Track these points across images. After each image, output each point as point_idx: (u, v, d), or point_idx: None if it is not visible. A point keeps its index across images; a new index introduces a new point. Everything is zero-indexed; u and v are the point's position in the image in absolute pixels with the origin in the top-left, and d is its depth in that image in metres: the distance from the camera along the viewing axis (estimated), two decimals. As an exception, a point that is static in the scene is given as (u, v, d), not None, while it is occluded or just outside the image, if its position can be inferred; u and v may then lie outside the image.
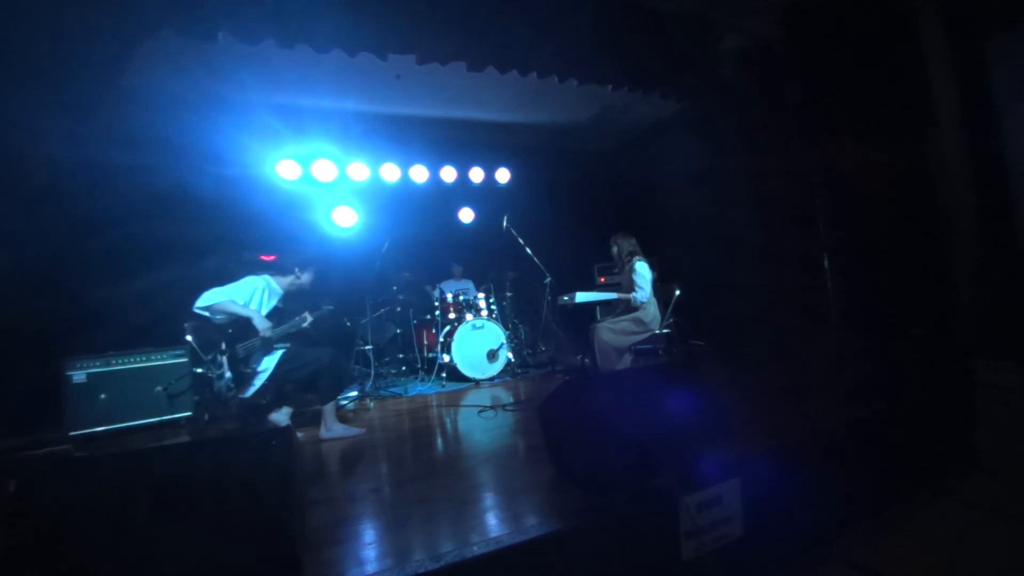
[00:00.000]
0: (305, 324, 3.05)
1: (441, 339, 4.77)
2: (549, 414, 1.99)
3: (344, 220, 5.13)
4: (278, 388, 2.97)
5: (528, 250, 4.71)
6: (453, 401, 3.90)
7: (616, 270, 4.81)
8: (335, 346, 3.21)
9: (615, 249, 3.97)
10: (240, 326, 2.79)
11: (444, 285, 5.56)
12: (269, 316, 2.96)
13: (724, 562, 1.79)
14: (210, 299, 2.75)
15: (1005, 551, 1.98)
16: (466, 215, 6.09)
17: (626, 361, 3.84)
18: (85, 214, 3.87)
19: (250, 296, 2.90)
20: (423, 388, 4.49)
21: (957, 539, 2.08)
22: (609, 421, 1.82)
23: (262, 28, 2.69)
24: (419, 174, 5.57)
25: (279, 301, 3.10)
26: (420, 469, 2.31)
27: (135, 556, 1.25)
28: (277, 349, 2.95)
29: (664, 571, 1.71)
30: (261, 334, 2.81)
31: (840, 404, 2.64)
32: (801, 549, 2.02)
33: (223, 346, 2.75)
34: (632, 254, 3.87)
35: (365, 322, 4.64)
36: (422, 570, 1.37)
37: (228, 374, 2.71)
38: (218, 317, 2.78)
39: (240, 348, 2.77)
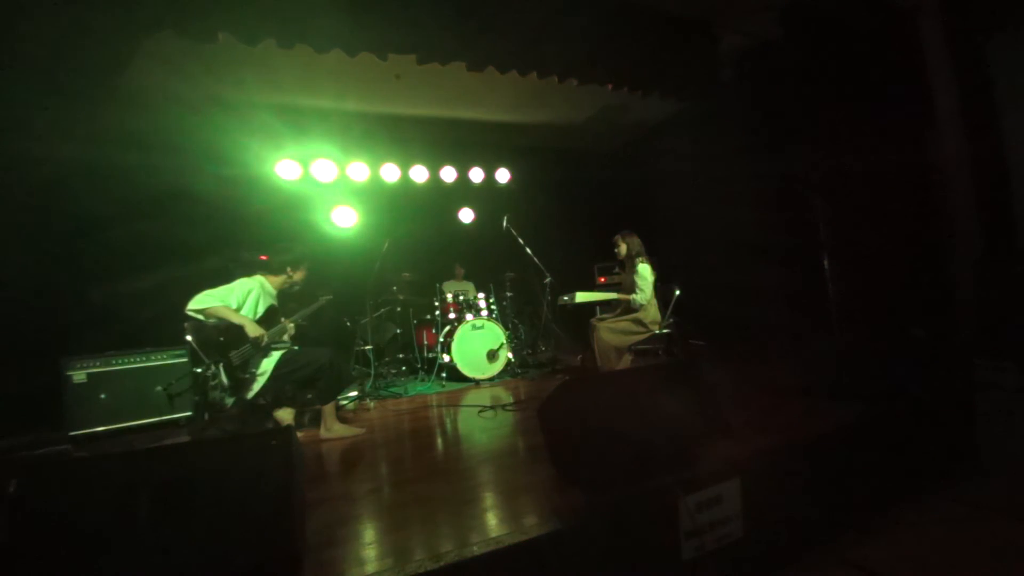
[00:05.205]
0: (285, 336, 3.05)
1: (441, 339, 4.77)
2: (549, 414, 1.99)
3: (344, 220, 5.13)
4: (278, 389, 2.97)
5: (528, 250, 4.71)
6: (453, 401, 3.90)
7: (617, 269, 4.81)
8: (335, 346, 3.22)
9: (623, 247, 3.95)
10: (233, 333, 2.78)
11: (445, 285, 5.56)
12: (265, 316, 2.96)
13: (724, 562, 1.79)
14: (203, 302, 2.73)
15: (1005, 551, 1.98)
16: (466, 215, 6.09)
17: (626, 361, 3.83)
18: (85, 214, 3.88)
19: (244, 298, 2.88)
20: (423, 388, 4.49)
21: (957, 539, 2.08)
22: (609, 421, 1.82)
23: (262, 28, 2.69)
24: (419, 174, 5.57)
25: (274, 300, 3.10)
26: (420, 469, 2.31)
27: (135, 556, 1.25)
28: (275, 350, 2.95)
29: (664, 571, 1.71)
30: (252, 342, 2.81)
31: (840, 404, 2.64)
32: (801, 549, 2.02)
33: (217, 356, 2.75)
34: (638, 254, 3.86)
35: (365, 322, 4.64)
36: (422, 570, 1.37)
37: (226, 381, 2.71)
38: (211, 320, 2.77)
39: (234, 356, 2.76)
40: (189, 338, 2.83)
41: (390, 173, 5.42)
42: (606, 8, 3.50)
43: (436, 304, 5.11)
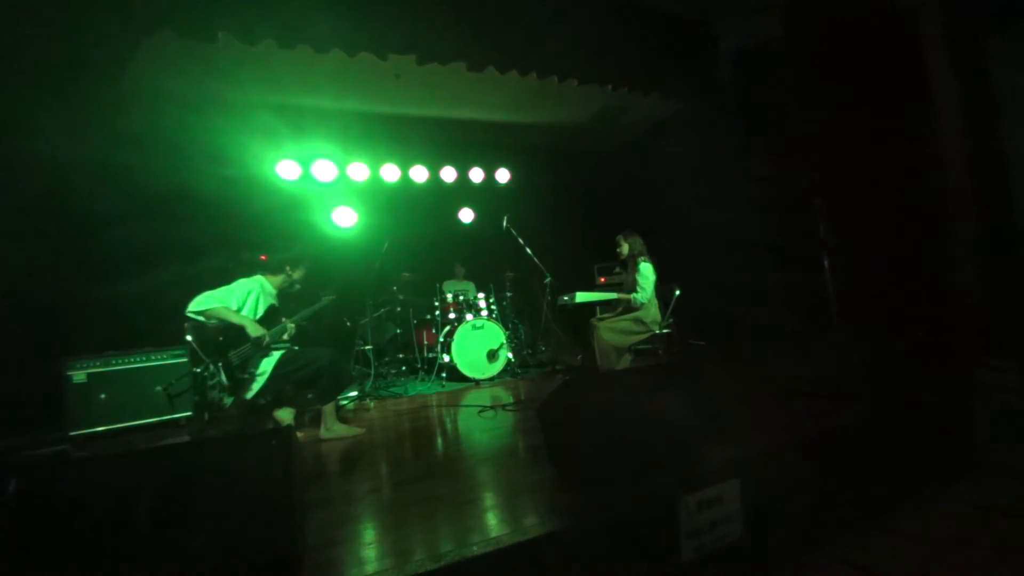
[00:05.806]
0: (286, 335, 3.05)
1: (441, 339, 4.77)
2: (549, 414, 1.99)
3: (344, 220, 5.13)
4: (278, 389, 2.97)
5: (528, 250, 4.71)
6: (453, 401, 3.90)
7: (618, 269, 4.81)
8: (335, 346, 3.22)
9: (625, 247, 3.95)
10: (233, 332, 2.78)
11: (445, 285, 5.56)
12: (266, 316, 2.95)
13: (724, 562, 1.79)
14: (204, 304, 2.73)
15: (1004, 551, 1.98)
16: (466, 215, 6.09)
17: (626, 361, 3.83)
18: (85, 214, 3.87)
19: (244, 299, 2.88)
20: (423, 388, 4.49)
21: (957, 539, 2.08)
22: (609, 421, 1.82)
23: (262, 28, 2.69)
24: (419, 174, 5.57)
25: (274, 300, 3.10)
26: (420, 469, 2.31)
27: (135, 556, 1.25)
28: (276, 350, 2.95)
29: (664, 571, 1.71)
30: (252, 341, 2.81)
31: (840, 404, 2.64)
32: (801, 549, 2.02)
33: (216, 356, 2.74)
34: (640, 254, 3.86)
35: (365, 322, 4.64)
36: (422, 570, 1.37)
37: (225, 381, 2.71)
38: (211, 322, 2.77)
39: (233, 356, 2.76)
40: (189, 338, 2.83)
41: (390, 173, 5.42)
42: (606, 8, 3.50)
43: (436, 304, 5.11)
